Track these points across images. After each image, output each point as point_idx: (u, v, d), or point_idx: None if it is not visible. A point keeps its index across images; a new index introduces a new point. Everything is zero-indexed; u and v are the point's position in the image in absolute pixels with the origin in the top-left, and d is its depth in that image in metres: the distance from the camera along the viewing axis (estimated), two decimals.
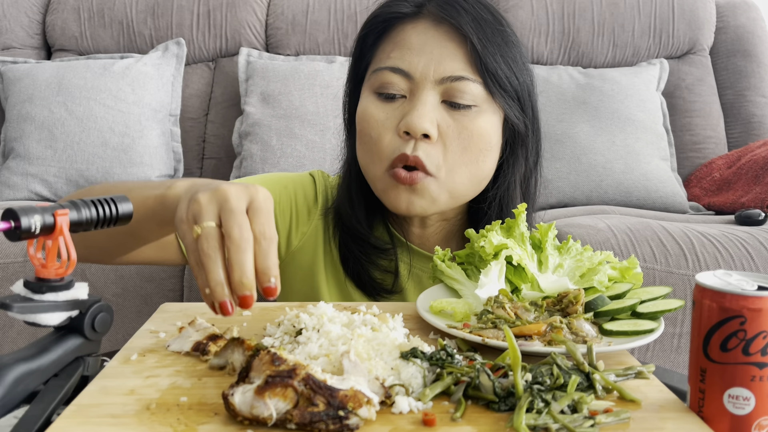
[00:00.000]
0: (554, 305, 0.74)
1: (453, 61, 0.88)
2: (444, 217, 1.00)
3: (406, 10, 0.92)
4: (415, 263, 1.00)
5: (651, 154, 2.05)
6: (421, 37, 0.90)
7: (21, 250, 1.50)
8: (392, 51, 0.91)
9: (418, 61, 0.88)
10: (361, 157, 0.95)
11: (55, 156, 2.01)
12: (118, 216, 0.60)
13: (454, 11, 0.89)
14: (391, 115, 0.90)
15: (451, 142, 0.89)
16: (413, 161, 0.88)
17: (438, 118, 0.88)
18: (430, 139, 0.88)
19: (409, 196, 0.90)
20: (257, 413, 0.50)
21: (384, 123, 0.90)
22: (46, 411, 0.52)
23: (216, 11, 2.33)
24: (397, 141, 0.89)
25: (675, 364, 1.45)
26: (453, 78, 0.88)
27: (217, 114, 2.29)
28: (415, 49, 0.89)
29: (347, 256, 0.99)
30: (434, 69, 0.88)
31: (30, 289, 0.55)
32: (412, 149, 0.88)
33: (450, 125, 0.89)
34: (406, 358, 0.58)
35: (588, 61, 2.34)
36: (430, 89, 0.88)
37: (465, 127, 0.89)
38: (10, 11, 2.35)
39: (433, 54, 0.88)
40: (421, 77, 0.88)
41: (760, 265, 1.42)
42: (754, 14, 2.41)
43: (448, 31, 0.89)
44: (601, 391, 0.57)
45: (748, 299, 0.52)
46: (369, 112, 0.91)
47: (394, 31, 0.92)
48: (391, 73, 0.89)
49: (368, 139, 0.92)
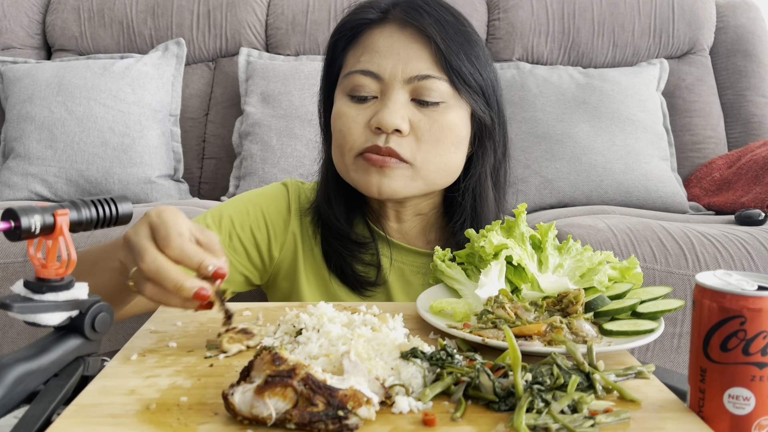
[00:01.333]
0: (554, 305, 0.74)
1: (419, 61, 0.94)
2: (418, 211, 1.03)
3: (373, 16, 0.98)
4: (396, 256, 1.04)
5: (651, 154, 2.05)
6: (388, 40, 0.95)
7: (21, 250, 1.50)
8: (362, 55, 0.96)
9: (387, 63, 0.94)
10: (334, 153, 1.00)
11: (55, 156, 2.01)
12: (118, 216, 0.60)
13: (417, 14, 0.95)
14: (362, 113, 0.95)
15: (422, 134, 0.94)
16: (386, 152, 0.92)
17: (409, 114, 0.94)
18: (401, 134, 0.93)
19: (379, 178, 0.94)
20: (257, 413, 0.50)
21: (355, 119, 0.95)
22: (46, 411, 0.52)
23: (216, 11, 2.33)
24: (368, 134, 0.94)
25: (675, 364, 1.44)
26: (420, 77, 0.93)
27: (217, 114, 2.29)
28: (383, 51, 0.95)
29: (329, 254, 1.03)
30: (402, 69, 0.93)
31: (30, 289, 0.55)
32: (384, 141, 0.93)
33: (421, 119, 0.94)
34: (406, 358, 0.58)
35: (588, 61, 2.34)
36: (399, 88, 0.94)
37: (435, 121, 0.94)
38: (10, 11, 2.35)
39: (400, 55, 0.94)
40: (390, 78, 0.94)
41: (760, 265, 1.42)
42: (754, 14, 2.41)
43: (413, 34, 0.95)
44: (601, 391, 0.57)
45: (748, 299, 0.52)
46: (342, 112, 0.96)
47: (363, 36, 0.98)
48: (361, 75, 0.95)
49: (339, 135, 0.97)
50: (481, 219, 1.01)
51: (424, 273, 1.04)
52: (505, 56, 2.34)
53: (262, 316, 0.73)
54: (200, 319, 0.75)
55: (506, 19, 2.34)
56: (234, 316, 0.69)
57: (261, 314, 0.74)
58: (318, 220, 1.04)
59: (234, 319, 0.69)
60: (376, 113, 0.93)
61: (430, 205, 1.04)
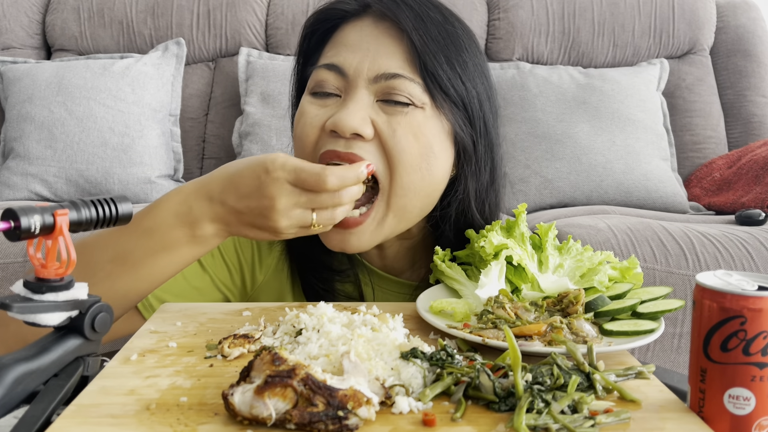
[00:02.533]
0: (554, 305, 0.74)
1: (389, 58, 0.82)
2: (401, 237, 0.91)
3: (349, 8, 0.86)
4: (378, 284, 0.94)
5: (651, 154, 2.05)
6: (359, 33, 0.84)
7: (21, 250, 1.50)
8: (329, 49, 0.86)
9: (353, 58, 0.82)
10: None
11: (55, 156, 2.01)
12: (118, 216, 0.60)
13: (396, 7, 0.83)
14: (320, 112, 0.83)
15: (387, 140, 0.80)
16: (346, 157, 0.79)
17: (373, 116, 0.81)
18: (363, 139, 0.80)
19: (342, 237, 0.82)
20: (257, 413, 0.50)
21: (312, 121, 0.83)
22: (46, 411, 0.52)
23: (216, 11, 2.33)
24: (325, 139, 0.82)
25: (675, 364, 1.44)
26: (388, 75, 0.81)
27: (217, 114, 2.29)
28: (351, 45, 0.83)
29: (307, 289, 0.93)
30: (368, 66, 0.81)
31: (30, 289, 0.55)
32: (345, 146, 0.80)
33: (384, 122, 0.81)
34: (406, 359, 0.58)
35: (588, 61, 2.34)
36: (363, 87, 0.81)
37: (399, 124, 0.80)
38: (10, 11, 2.35)
39: (369, 50, 0.82)
40: (354, 74, 0.82)
41: (760, 265, 1.42)
42: (754, 14, 2.41)
43: (388, 28, 0.83)
44: (602, 391, 0.57)
45: (748, 299, 0.52)
46: (301, 112, 0.85)
47: (338, 31, 0.87)
48: (325, 70, 0.83)
49: (298, 140, 0.85)
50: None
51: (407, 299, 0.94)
52: (505, 56, 2.34)
53: (263, 321, 0.73)
54: (200, 320, 0.75)
55: (506, 19, 2.34)
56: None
57: (263, 319, 0.74)
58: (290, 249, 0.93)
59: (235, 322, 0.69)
60: (333, 114, 0.81)
61: (414, 228, 0.91)
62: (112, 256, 0.77)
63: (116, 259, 0.76)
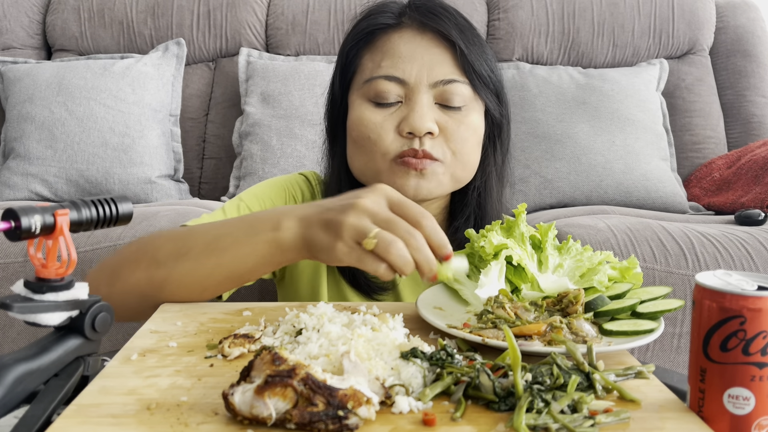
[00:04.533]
0: (554, 305, 0.74)
1: (443, 65, 0.96)
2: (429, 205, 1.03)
3: (389, 21, 0.99)
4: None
5: (651, 154, 2.05)
6: (409, 45, 0.96)
7: (21, 250, 1.50)
8: (382, 60, 0.97)
9: (411, 68, 0.95)
10: (357, 158, 0.99)
11: (55, 156, 2.01)
12: (118, 216, 0.60)
13: (437, 18, 0.97)
14: (389, 118, 0.96)
15: (451, 135, 0.96)
16: (423, 154, 0.94)
17: (436, 116, 0.95)
18: (432, 136, 0.95)
19: (417, 180, 0.95)
20: (257, 413, 0.50)
21: (382, 125, 0.96)
22: (46, 411, 0.52)
23: (216, 11, 2.33)
24: (399, 140, 0.95)
25: (675, 364, 1.44)
26: (445, 81, 0.95)
27: (217, 114, 2.29)
28: (405, 56, 0.96)
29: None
30: (427, 74, 0.95)
31: (30, 289, 0.55)
32: (420, 145, 0.94)
33: (447, 121, 0.96)
34: (406, 358, 0.58)
35: (588, 61, 2.34)
36: (424, 92, 0.95)
37: (461, 123, 0.96)
38: (10, 11, 2.35)
39: (424, 60, 0.95)
40: (415, 82, 0.95)
41: (760, 265, 1.42)
42: (754, 14, 2.41)
43: (433, 38, 0.97)
44: (601, 391, 0.57)
45: (748, 299, 0.52)
46: (365, 117, 0.97)
47: (380, 40, 0.99)
48: (386, 81, 0.95)
49: (366, 141, 0.97)
50: (486, 215, 1.03)
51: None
52: (505, 56, 2.34)
53: (263, 321, 0.73)
54: (200, 319, 0.75)
55: (506, 19, 2.34)
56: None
57: (263, 319, 0.74)
58: None
59: (236, 324, 0.69)
60: (405, 118, 0.94)
61: (439, 206, 1.05)
62: (210, 240, 0.81)
63: (210, 243, 0.80)
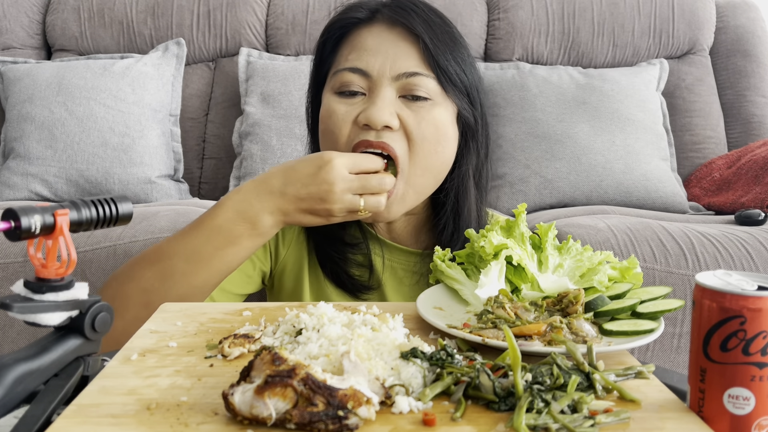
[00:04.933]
0: (554, 305, 0.74)
1: (407, 59, 0.95)
2: (408, 212, 1.03)
3: (362, 15, 0.99)
4: (388, 255, 1.05)
5: (651, 154, 2.05)
6: (377, 38, 0.97)
7: (21, 250, 1.50)
8: (350, 53, 0.98)
9: (375, 60, 0.95)
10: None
11: (55, 156, 2.01)
12: (118, 216, 0.60)
13: (406, 14, 0.97)
14: (350, 109, 0.96)
15: (412, 130, 0.94)
16: (378, 146, 0.93)
17: (398, 110, 0.94)
18: (391, 130, 0.94)
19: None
20: (257, 413, 0.50)
21: (344, 117, 0.96)
22: (46, 411, 0.52)
23: (216, 11, 2.33)
24: (357, 132, 0.95)
25: (675, 364, 1.44)
26: (408, 74, 0.95)
27: (217, 114, 2.29)
28: (371, 49, 0.96)
29: (323, 259, 1.04)
30: (390, 66, 0.95)
31: (30, 289, 0.55)
32: (375, 137, 0.93)
33: (410, 115, 0.95)
34: (406, 358, 0.58)
35: (588, 61, 2.34)
36: (387, 85, 0.95)
37: (423, 118, 0.95)
38: (10, 11, 2.35)
39: (389, 53, 0.95)
40: (378, 75, 0.95)
41: (760, 265, 1.42)
42: (754, 14, 2.41)
43: (401, 33, 0.97)
44: (601, 391, 0.57)
45: (748, 299, 0.52)
46: (330, 109, 0.97)
47: (352, 35, 0.99)
48: (349, 73, 0.96)
49: (330, 134, 0.97)
50: (462, 219, 1.02)
51: (415, 271, 1.05)
52: (505, 56, 2.34)
53: (263, 321, 0.73)
54: (200, 319, 0.75)
55: (506, 19, 2.34)
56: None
57: (263, 319, 0.74)
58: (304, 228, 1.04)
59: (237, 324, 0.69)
60: (365, 110, 0.94)
61: (420, 204, 1.04)
62: (186, 257, 0.88)
63: (190, 259, 0.88)
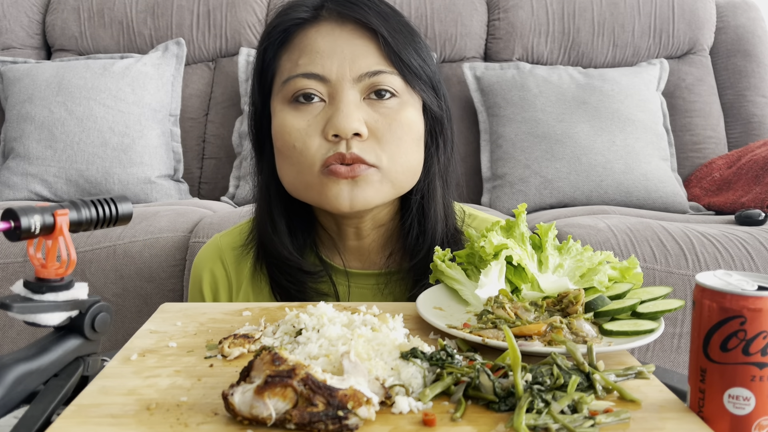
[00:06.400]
0: (554, 305, 0.74)
1: (366, 57, 0.87)
2: (377, 222, 0.95)
3: (305, 15, 0.89)
4: (354, 282, 0.96)
5: (651, 154, 2.05)
6: (328, 39, 0.87)
7: (21, 250, 1.50)
8: (300, 58, 0.87)
9: (332, 63, 0.86)
10: (286, 171, 0.90)
11: (55, 156, 2.01)
12: (117, 216, 0.60)
13: (356, 8, 0.88)
14: (312, 122, 0.86)
15: (383, 135, 0.86)
16: (351, 159, 0.84)
17: (364, 116, 0.86)
18: (361, 137, 0.85)
19: (351, 189, 0.85)
20: (257, 413, 0.50)
21: (306, 130, 0.86)
22: (46, 411, 0.52)
23: (216, 11, 2.33)
24: (326, 145, 0.86)
25: (675, 364, 1.44)
26: (371, 73, 0.86)
27: (217, 114, 2.29)
28: (324, 52, 0.86)
29: (282, 294, 0.94)
30: (350, 68, 0.86)
31: (30, 289, 0.55)
32: (347, 148, 0.84)
33: (378, 119, 0.86)
34: (406, 358, 0.58)
35: (588, 61, 2.34)
36: (349, 89, 0.86)
37: (393, 119, 0.87)
38: (10, 11, 2.35)
39: (345, 53, 0.86)
40: (337, 78, 0.86)
41: (760, 265, 1.42)
42: (754, 14, 2.41)
43: (354, 29, 0.88)
44: (601, 391, 0.57)
45: (748, 299, 0.52)
46: (288, 124, 0.87)
47: (296, 38, 0.89)
48: (304, 79, 0.86)
49: (292, 150, 0.87)
50: (428, 220, 0.94)
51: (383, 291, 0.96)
52: (505, 56, 2.34)
53: (263, 321, 0.73)
54: (200, 320, 0.75)
55: (506, 19, 2.34)
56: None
57: (263, 319, 0.74)
58: (263, 255, 0.94)
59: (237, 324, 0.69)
60: (330, 119, 0.85)
61: (388, 213, 0.96)
62: None
63: None
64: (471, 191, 2.18)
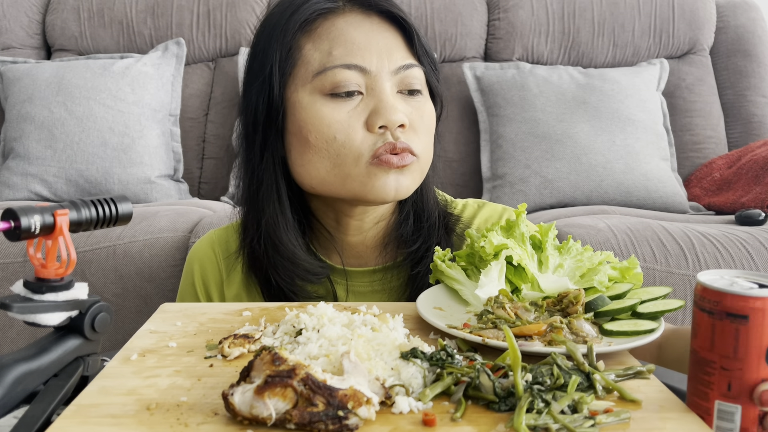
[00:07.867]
0: (554, 305, 0.74)
1: (398, 50, 0.88)
2: (380, 216, 0.96)
3: (329, 5, 0.88)
4: (352, 280, 0.96)
5: (651, 154, 2.05)
6: (360, 30, 0.87)
7: (21, 250, 1.50)
8: (333, 48, 0.86)
9: (371, 55, 0.86)
10: (316, 165, 0.87)
11: (55, 156, 2.01)
12: (117, 216, 0.60)
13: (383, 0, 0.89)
14: (353, 113, 0.86)
15: (418, 126, 0.88)
16: (402, 148, 0.85)
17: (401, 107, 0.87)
18: (404, 128, 0.86)
19: (397, 178, 0.86)
20: (257, 413, 0.50)
21: (348, 122, 0.85)
22: (46, 411, 0.52)
23: (216, 11, 2.33)
24: (371, 137, 0.85)
25: None
26: (405, 66, 0.88)
27: (217, 114, 2.29)
28: (360, 43, 0.86)
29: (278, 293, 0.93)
30: (387, 60, 0.87)
31: (30, 289, 0.55)
32: (394, 138, 0.85)
33: (412, 112, 0.88)
34: (406, 358, 0.58)
35: (588, 61, 2.34)
36: (387, 81, 0.87)
37: (423, 111, 0.89)
38: (10, 11, 2.35)
39: (381, 46, 0.87)
40: (377, 70, 0.86)
41: (760, 265, 1.42)
42: (754, 14, 2.41)
43: (380, 21, 0.89)
44: (602, 391, 0.57)
45: (748, 299, 0.52)
46: (326, 116, 0.85)
47: (321, 27, 0.88)
48: (345, 71, 0.85)
49: (331, 143, 0.85)
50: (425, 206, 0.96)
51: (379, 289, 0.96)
52: (505, 56, 2.34)
53: (263, 321, 0.73)
54: (200, 320, 0.75)
55: (506, 19, 2.34)
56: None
57: (263, 319, 0.74)
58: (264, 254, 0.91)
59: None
60: (375, 111, 0.85)
61: (391, 206, 0.96)
62: None
63: None
64: (471, 191, 2.18)
